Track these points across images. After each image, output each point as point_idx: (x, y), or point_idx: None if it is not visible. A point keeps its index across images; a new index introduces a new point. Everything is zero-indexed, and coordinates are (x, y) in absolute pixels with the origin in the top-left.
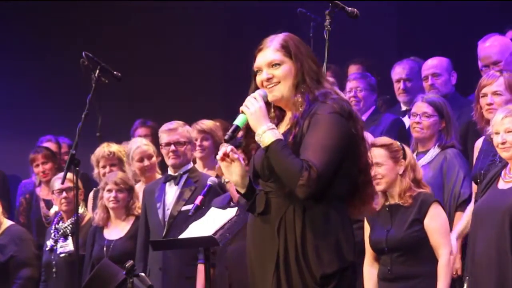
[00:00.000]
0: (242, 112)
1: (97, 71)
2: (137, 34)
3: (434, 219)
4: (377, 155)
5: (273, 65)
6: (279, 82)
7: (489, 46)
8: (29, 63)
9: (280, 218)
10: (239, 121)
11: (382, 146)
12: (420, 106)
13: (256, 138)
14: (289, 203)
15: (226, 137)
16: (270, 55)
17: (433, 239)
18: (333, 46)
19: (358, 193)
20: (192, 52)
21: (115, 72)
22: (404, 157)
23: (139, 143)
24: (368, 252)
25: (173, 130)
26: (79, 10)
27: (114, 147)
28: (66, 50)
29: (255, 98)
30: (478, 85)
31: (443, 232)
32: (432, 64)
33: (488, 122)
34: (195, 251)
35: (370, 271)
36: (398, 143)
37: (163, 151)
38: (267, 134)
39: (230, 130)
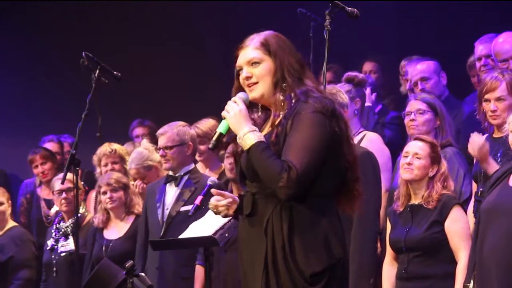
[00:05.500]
0: (224, 118)
1: (97, 71)
2: (137, 34)
3: (455, 222)
4: (419, 147)
5: (253, 63)
6: (258, 82)
7: (503, 42)
8: (30, 63)
9: (267, 219)
10: (221, 127)
11: (427, 142)
12: (414, 104)
13: (238, 141)
14: (276, 202)
15: (210, 146)
16: (250, 53)
17: (453, 242)
18: (333, 46)
19: (344, 190)
20: (192, 52)
21: (115, 72)
22: (439, 164)
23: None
24: (388, 251)
25: (162, 135)
26: (79, 10)
27: (115, 145)
28: (66, 50)
29: (235, 102)
30: (482, 86)
31: (463, 235)
32: (420, 69)
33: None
34: (192, 251)
35: (389, 270)
36: (440, 149)
37: (159, 154)
38: (248, 136)
39: (214, 138)
